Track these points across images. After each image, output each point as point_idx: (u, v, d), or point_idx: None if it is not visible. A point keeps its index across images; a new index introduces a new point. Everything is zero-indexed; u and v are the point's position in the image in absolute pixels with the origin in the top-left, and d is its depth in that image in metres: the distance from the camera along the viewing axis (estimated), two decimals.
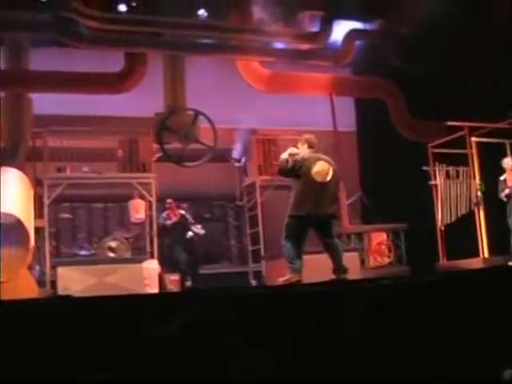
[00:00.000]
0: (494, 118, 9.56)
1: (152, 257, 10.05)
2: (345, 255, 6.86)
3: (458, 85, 10.27)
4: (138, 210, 10.58)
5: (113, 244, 9.95)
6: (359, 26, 11.45)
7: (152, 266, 9.25)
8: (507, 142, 9.87)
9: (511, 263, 7.87)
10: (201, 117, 10.51)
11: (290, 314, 3.92)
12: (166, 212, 10.83)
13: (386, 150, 11.28)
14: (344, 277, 6.54)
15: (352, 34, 11.33)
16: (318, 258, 6.91)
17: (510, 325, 3.83)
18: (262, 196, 11.54)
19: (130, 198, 10.71)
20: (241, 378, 2.20)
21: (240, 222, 12.99)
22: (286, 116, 11.71)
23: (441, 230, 10.48)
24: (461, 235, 10.03)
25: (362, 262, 10.35)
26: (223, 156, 11.45)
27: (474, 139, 9.93)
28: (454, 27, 9.70)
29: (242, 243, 12.97)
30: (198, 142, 10.58)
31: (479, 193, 9.86)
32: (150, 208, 10.62)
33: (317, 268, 6.52)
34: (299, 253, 6.54)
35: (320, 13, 10.93)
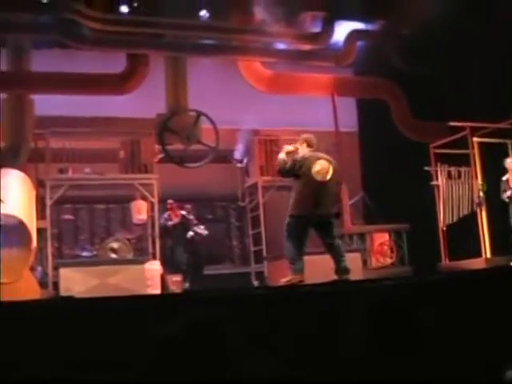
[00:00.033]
0: (495, 119, 9.54)
1: (154, 258, 10.05)
2: (347, 256, 6.83)
3: (459, 85, 10.26)
4: (140, 211, 10.57)
5: (115, 245, 9.94)
6: (361, 26, 11.43)
7: (154, 267, 9.24)
8: (509, 142, 9.84)
9: None
10: (203, 118, 10.50)
11: (292, 315, 3.92)
12: (167, 213, 10.83)
13: (387, 151, 11.27)
14: (346, 277, 6.53)
15: (354, 35, 11.31)
16: (320, 259, 6.90)
17: None
18: (264, 197, 11.52)
19: (131, 199, 10.69)
20: (243, 379, 2.20)
21: (242, 223, 12.98)
22: (288, 117, 11.70)
23: (443, 230, 10.46)
24: (463, 236, 10.01)
25: (364, 262, 10.31)
26: (225, 157, 11.42)
27: (475, 139, 9.92)
28: (455, 27, 9.69)
29: (244, 244, 12.96)
30: (200, 142, 10.57)
31: (481, 193, 9.84)
32: (152, 209, 10.61)
33: (319, 269, 6.52)
34: (300, 253, 6.52)
35: (322, 13, 10.91)
